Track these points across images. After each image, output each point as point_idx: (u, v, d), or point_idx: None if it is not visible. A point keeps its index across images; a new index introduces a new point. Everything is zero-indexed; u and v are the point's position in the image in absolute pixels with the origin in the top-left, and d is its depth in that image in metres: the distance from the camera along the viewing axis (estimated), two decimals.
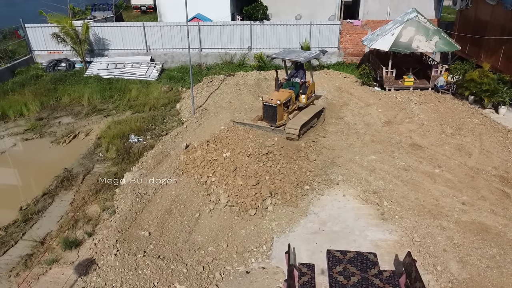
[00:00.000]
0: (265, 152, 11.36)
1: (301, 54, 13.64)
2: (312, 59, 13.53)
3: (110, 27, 22.33)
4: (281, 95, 12.98)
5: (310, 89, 13.81)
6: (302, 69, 13.98)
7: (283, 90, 13.45)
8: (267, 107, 12.78)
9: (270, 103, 12.63)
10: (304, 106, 13.69)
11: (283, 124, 12.76)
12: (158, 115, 15.66)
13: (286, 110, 13.04)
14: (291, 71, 14.33)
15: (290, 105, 13.22)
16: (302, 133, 12.81)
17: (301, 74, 13.95)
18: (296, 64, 14.05)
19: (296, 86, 13.60)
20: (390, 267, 7.52)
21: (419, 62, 19.20)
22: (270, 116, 12.77)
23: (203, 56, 22.33)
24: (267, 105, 12.75)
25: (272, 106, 12.61)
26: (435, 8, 24.13)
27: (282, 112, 12.81)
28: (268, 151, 11.48)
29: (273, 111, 12.60)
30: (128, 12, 40.40)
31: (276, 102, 12.46)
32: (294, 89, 13.49)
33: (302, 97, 13.54)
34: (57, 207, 10.22)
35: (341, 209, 9.50)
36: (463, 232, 8.63)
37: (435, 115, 14.90)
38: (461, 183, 10.45)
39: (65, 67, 21.40)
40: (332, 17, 24.87)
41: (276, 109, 12.51)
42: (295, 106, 13.52)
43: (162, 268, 7.85)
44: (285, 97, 12.87)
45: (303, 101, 13.59)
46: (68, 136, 14.05)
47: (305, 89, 13.54)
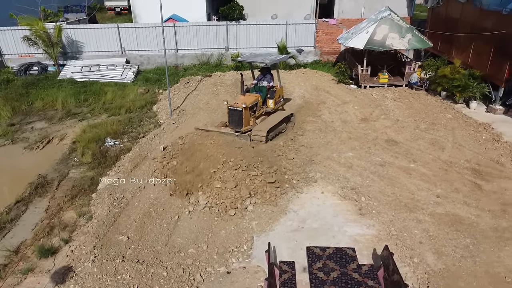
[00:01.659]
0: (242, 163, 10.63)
1: (267, 57, 13.33)
2: (283, 61, 13.36)
3: (83, 29, 21.91)
4: (247, 99, 12.40)
5: (278, 94, 13.31)
6: (269, 73, 13.42)
7: (250, 94, 12.90)
8: (232, 112, 12.11)
9: (235, 107, 12.01)
10: (272, 111, 13.15)
11: (249, 130, 12.15)
12: (134, 117, 15.46)
13: (253, 115, 12.48)
14: (258, 75, 13.73)
15: (257, 110, 12.69)
16: (270, 138, 12.30)
17: (268, 78, 13.36)
18: (263, 68, 13.45)
19: (263, 91, 13.07)
20: (368, 261, 7.63)
21: (393, 59, 19.57)
22: (236, 121, 12.13)
23: (180, 57, 22.18)
24: (232, 109, 12.09)
25: (237, 110, 11.98)
26: (408, 6, 24.67)
27: (248, 116, 12.21)
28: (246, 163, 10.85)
29: (239, 115, 11.99)
30: (102, 13, 39.67)
31: (241, 106, 11.85)
32: (261, 93, 12.98)
33: (269, 101, 13.03)
34: (31, 214, 9.96)
35: (320, 206, 9.60)
36: (438, 224, 8.84)
37: (409, 111, 15.22)
38: (435, 177, 10.71)
39: (37, 71, 20.85)
40: (308, 16, 25.09)
41: (242, 114, 11.90)
42: (262, 111, 12.98)
43: (142, 272, 7.76)
44: (251, 101, 12.34)
45: (270, 106, 13.05)
46: (42, 141, 13.71)
47: (272, 94, 13.03)
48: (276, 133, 12.69)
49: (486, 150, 12.08)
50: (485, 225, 8.78)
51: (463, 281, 7.33)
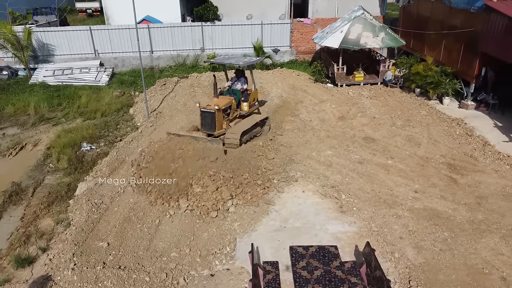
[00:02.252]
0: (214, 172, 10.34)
1: (241, 59, 13.22)
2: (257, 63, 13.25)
3: (54, 32, 21.36)
4: (220, 101, 12.21)
5: (253, 97, 13.05)
6: (244, 75, 13.31)
7: (223, 96, 12.75)
8: (204, 114, 11.84)
9: (207, 109, 11.76)
10: (247, 115, 12.89)
11: (222, 134, 11.91)
12: (111, 121, 15.18)
13: (226, 118, 12.26)
14: (232, 77, 13.56)
15: (231, 113, 12.46)
16: (244, 142, 12.11)
17: (242, 81, 13.23)
18: (237, 70, 13.30)
19: (237, 94, 12.89)
20: (351, 258, 7.73)
21: (368, 57, 19.89)
22: (208, 124, 11.86)
23: (155, 59, 21.91)
24: (204, 112, 11.83)
25: (210, 113, 11.71)
26: (380, 5, 25.10)
27: (222, 119, 11.99)
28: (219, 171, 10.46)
29: (211, 118, 11.72)
30: (73, 15, 38.75)
31: (214, 107, 11.61)
32: (235, 96, 12.81)
33: (243, 105, 12.75)
34: (6, 223, 9.64)
35: (302, 205, 9.66)
36: (417, 218, 9.04)
37: (385, 108, 15.51)
38: (413, 172, 10.95)
39: (7, 75, 20.22)
40: (283, 16, 25.20)
41: (215, 116, 11.65)
42: (236, 114, 12.75)
43: (124, 278, 7.62)
44: (224, 103, 12.12)
45: (245, 109, 12.78)
46: (15, 148, 13.28)
47: (246, 97, 12.76)
48: (250, 136, 12.49)
49: (460, 145, 12.43)
50: (461, 218, 9.04)
51: (443, 274, 7.52)
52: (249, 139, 12.44)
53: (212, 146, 11.08)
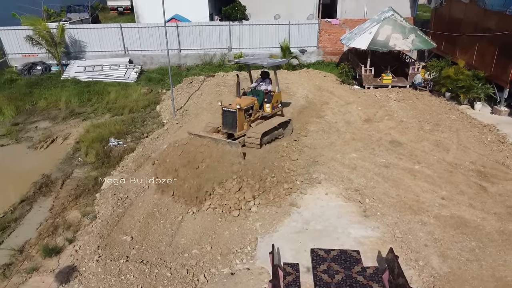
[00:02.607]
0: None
1: (266, 60, 13.13)
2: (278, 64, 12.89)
3: (86, 29, 21.96)
4: (242, 101, 12.17)
5: (276, 99, 13.00)
6: (269, 77, 13.31)
7: (246, 97, 12.73)
8: (226, 113, 11.82)
9: (229, 108, 11.73)
10: (269, 116, 12.81)
11: (243, 135, 11.82)
12: (138, 117, 15.46)
13: (248, 118, 12.19)
14: (258, 79, 13.56)
15: (253, 114, 12.39)
16: (265, 143, 12.03)
17: (267, 82, 13.24)
18: (263, 72, 13.38)
19: (260, 95, 12.87)
20: (373, 264, 7.60)
21: (396, 60, 19.53)
22: (230, 123, 11.82)
23: (183, 57, 22.18)
24: (226, 111, 11.80)
25: (231, 112, 11.66)
26: (411, 6, 24.62)
27: (243, 119, 11.91)
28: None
29: (233, 117, 11.68)
30: (104, 13, 39.71)
31: (236, 107, 11.54)
32: (258, 97, 12.76)
33: (266, 106, 12.70)
34: (36, 214, 9.97)
35: (324, 208, 9.56)
36: (443, 226, 8.80)
37: (413, 112, 15.17)
38: (440, 179, 10.66)
39: (40, 71, 20.92)
40: (311, 16, 25.07)
41: (236, 115, 11.59)
42: (259, 115, 12.67)
43: (146, 272, 7.75)
44: (246, 103, 12.05)
45: (267, 111, 12.71)
46: (46, 141, 13.72)
47: (269, 98, 12.71)
48: (272, 138, 12.33)
49: (491, 152, 12.03)
50: (491, 228, 8.73)
51: (469, 285, 7.29)
52: (270, 141, 12.31)
53: (231, 149, 10.90)
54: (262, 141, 11.82)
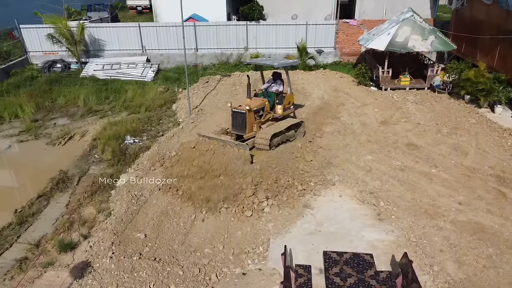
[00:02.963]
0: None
1: (277, 60, 12.97)
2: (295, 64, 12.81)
3: (105, 28, 22.28)
4: (252, 102, 11.99)
5: (288, 100, 12.71)
6: (280, 78, 13.08)
7: (256, 98, 12.56)
8: (235, 114, 11.72)
9: (238, 109, 11.62)
10: (280, 118, 12.56)
11: (252, 137, 11.70)
12: (154, 116, 15.60)
13: (258, 119, 12.05)
14: (269, 80, 13.35)
15: (263, 115, 12.21)
16: (275, 145, 11.85)
17: (278, 83, 13.00)
18: (275, 73, 13.17)
19: (271, 96, 12.68)
20: (386, 268, 7.50)
21: (415, 61, 19.24)
22: (239, 125, 11.71)
23: (199, 57, 22.29)
24: (235, 112, 11.69)
25: (241, 113, 11.55)
26: (431, 7, 24.20)
27: (253, 121, 11.78)
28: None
29: (242, 118, 11.56)
30: (124, 12, 40.25)
31: (245, 108, 11.43)
32: (270, 99, 12.59)
33: (277, 107, 12.45)
34: (52, 209, 10.15)
35: (338, 210, 9.48)
36: (460, 232, 8.62)
37: (431, 114, 14.92)
38: (458, 183, 10.45)
39: (60, 68, 21.31)
40: (328, 16, 24.89)
41: (245, 116, 11.47)
42: (269, 116, 12.46)
43: (158, 270, 7.80)
44: (256, 104, 11.91)
45: (279, 112, 12.46)
46: (64, 137, 13.97)
47: (281, 99, 12.45)
48: (282, 140, 12.13)
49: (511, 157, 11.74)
50: (509, 234, 8.51)
51: None
52: (281, 143, 12.10)
53: (239, 154, 10.73)
54: (272, 143, 11.64)
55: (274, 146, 11.75)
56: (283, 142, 12.19)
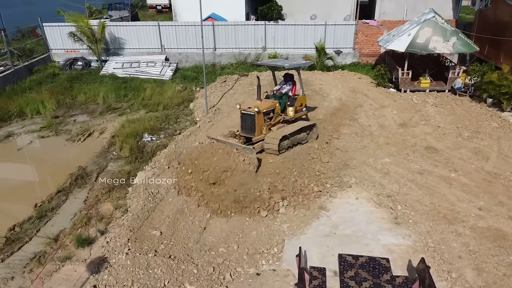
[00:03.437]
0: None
1: (288, 61, 12.57)
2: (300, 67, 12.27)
3: (125, 26, 22.56)
4: (262, 104, 11.62)
5: (300, 102, 12.20)
6: (292, 79, 12.61)
7: (267, 100, 12.16)
8: (244, 116, 11.34)
9: (247, 111, 11.22)
10: (292, 121, 12.09)
11: (261, 140, 11.29)
12: (171, 114, 15.73)
13: (268, 122, 11.64)
14: (281, 81, 12.89)
15: (274, 117, 11.81)
16: (286, 148, 11.37)
17: (289, 84, 12.55)
18: (286, 74, 12.70)
19: (283, 98, 12.21)
20: (403, 273, 7.38)
21: (436, 63, 18.89)
22: (248, 127, 11.31)
23: (217, 56, 22.37)
24: (244, 114, 11.32)
25: (250, 115, 11.18)
26: (453, 8, 23.74)
27: (262, 123, 11.39)
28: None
29: (251, 120, 11.19)
30: (144, 11, 40.70)
31: (254, 110, 11.05)
32: (281, 101, 12.14)
33: (289, 109, 11.95)
34: (71, 204, 10.34)
35: (354, 212, 9.38)
36: (479, 238, 8.43)
37: (451, 117, 14.63)
38: (478, 188, 10.22)
39: (81, 66, 21.70)
40: (348, 17, 24.67)
41: (254, 119, 11.10)
42: (280, 119, 12.01)
43: (173, 268, 7.86)
44: (266, 106, 11.49)
45: (290, 115, 11.97)
46: (83, 134, 14.21)
47: (292, 101, 11.96)
48: (293, 142, 11.64)
49: None
50: None
51: None
52: (292, 146, 11.64)
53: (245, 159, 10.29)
54: (281, 146, 11.15)
55: (283, 150, 11.30)
56: (294, 145, 11.77)
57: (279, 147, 10.99)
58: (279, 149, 10.99)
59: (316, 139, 12.49)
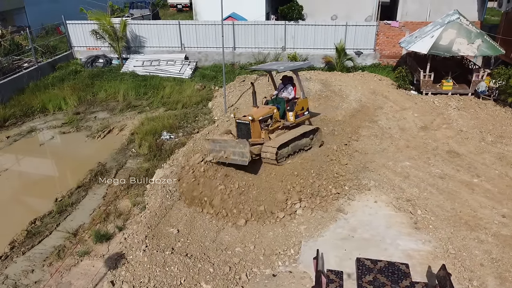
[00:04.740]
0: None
1: (282, 64, 11.97)
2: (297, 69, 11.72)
3: (146, 25, 22.77)
4: (258, 111, 10.95)
5: (301, 106, 11.49)
6: (291, 82, 11.90)
7: (264, 106, 11.51)
8: (240, 125, 10.75)
9: (242, 120, 10.64)
10: (292, 126, 11.38)
11: (259, 143, 10.66)
12: (190, 113, 15.80)
13: (265, 129, 10.90)
14: (279, 85, 12.19)
15: (272, 124, 11.05)
16: (286, 156, 10.67)
17: (288, 88, 11.86)
18: (284, 77, 12.02)
19: (281, 103, 11.48)
20: (422, 279, 7.23)
21: (459, 66, 18.49)
22: (244, 136, 10.62)
23: (237, 55, 22.38)
24: (239, 123, 10.72)
25: (244, 124, 10.58)
26: (478, 10, 23.16)
27: (259, 131, 10.71)
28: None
29: (247, 129, 10.57)
30: (164, 10, 41.09)
31: (248, 118, 10.38)
32: (280, 106, 11.44)
33: (289, 115, 11.30)
34: (90, 200, 10.49)
35: (372, 216, 9.24)
36: (502, 246, 8.19)
37: (474, 121, 14.29)
38: (502, 195, 9.94)
39: (102, 63, 22.01)
40: (369, 18, 24.35)
41: (250, 127, 10.47)
42: (279, 125, 11.24)
43: (189, 266, 7.87)
44: (261, 113, 10.78)
45: (290, 120, 11.31)
46: (103, 131, 14.41)
47: (292, 106, 11.30)
48: (294, 149, 10.95)
49: None
50: None
51: None
52: (293, 153, 10.94)
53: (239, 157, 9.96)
54: (280, 155, 10.36)
55: (283, 158, 10.58)
56: (295, 153, 11.06)
57: (277, 156, 10.18)
58: (277, 158, 10.20)
59: (320, 145, 11.82)
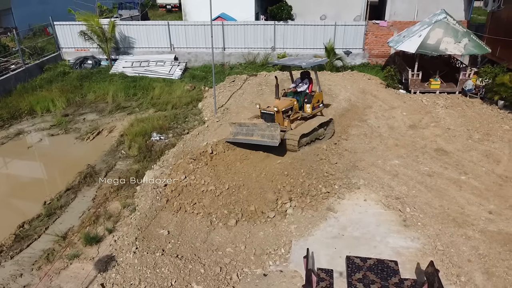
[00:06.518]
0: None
1: (305, 60, 13.07)
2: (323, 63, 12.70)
3: (135, 26, 22.67)
4: (281, 103, 12.27)
5: (317, 99, 12.86)
6: (309, 77, 13.15)
7: (285, 98, 12.78)
8: (265, 115, 12.13)
9: (267, 110, 12.01)
10: (309, 117, 12.72)
11: (283, 131, 11.94)
12: (180, 113, 15.77)
13: (287, 119, 12.24)
14: (297, 79, 13.46)
15: (292, 115, 12.38)
16: (304, 144, 11.98)
17: (305, 82, 13.08)
18: (302, 72, 13.30)
19: (300, 95, 12.85)
20: (411, 276, 7.32)
21: (446, 64, 18.71)
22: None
23: (226, 56, 22.38)
24: (264, 113, 12.12)
25: (269, 114, 11.97)
26: (465, 9, 23.48)
27: (281, 120, 12.07)
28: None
29: (271, 119, 11.89)
30: (154, 10, 40.89)
31: (273, 109, 11.81)
32: (299, 98, 12.74)
33: (306, 106, 12.62)
34: (80, 202, 10.41)
35: (362, 214, 9.32)
36: (489, 242, 8.32)
37: (462, 119, 14.47)
38: (488, 191, 10.09)
39: (91, 65, 21.84)
40: (358, 17, 24.53)
41: (274, 118, 11.86)
42: (298, 115, 12.63)
43: (180, 267, 7.86)
44: (284, 105, 12.13)
45: (307, 111, 12.65)
46: (92, 132, 14.30)
47: (310, 98, 12.62)
48: (311, 139, 12.20)
49: None
50: None
51: None
52: (310, 142, 12.17)
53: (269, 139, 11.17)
54: (300, 143, 11.74)
55: (302, 146, 11.87)
56: (312, 141, 12.25)
57: (299, 144, 11.59)
58: (298, 145, 11.57)
59: (332, 134, 12.97)
